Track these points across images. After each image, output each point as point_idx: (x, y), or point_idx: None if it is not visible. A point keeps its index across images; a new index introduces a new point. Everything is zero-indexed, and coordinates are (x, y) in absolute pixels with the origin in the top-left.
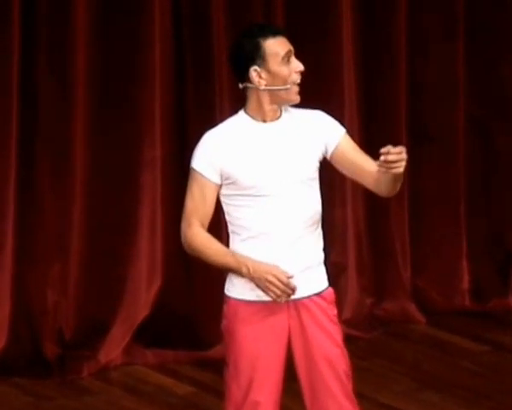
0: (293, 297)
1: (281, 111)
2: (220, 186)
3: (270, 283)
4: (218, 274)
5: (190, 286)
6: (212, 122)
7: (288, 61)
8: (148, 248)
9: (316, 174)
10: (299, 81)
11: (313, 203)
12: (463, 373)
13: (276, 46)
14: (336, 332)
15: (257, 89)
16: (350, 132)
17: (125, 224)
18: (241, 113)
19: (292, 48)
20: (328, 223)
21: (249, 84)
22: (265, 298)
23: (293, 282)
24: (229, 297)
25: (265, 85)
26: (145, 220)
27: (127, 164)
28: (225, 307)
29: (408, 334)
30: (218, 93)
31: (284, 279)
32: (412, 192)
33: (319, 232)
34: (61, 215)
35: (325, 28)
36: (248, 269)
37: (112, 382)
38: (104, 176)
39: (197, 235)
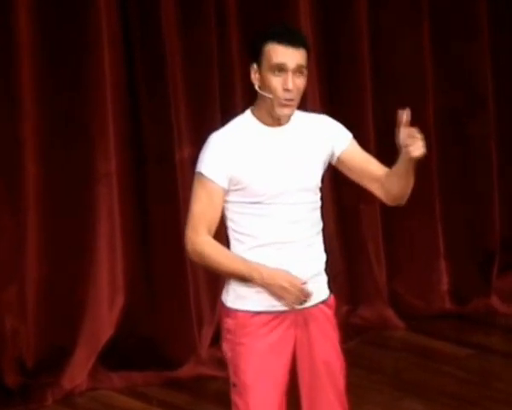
0: (301, 306)
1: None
2: (227, 192)
3: (284, 289)
4: (182, 289)
5: (154, 303)
6: (167, 129)
7: (279, 73)
8: (108, 265)
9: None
10: (284, 98)
11: (319, 210)
12: (447, 379)
13: (273, 52)
14: (338, 342)
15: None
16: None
17: (82, 241)
18: (249, 113)
19: (292, 63)
20: None
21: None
22: (276, 308)
23: (307, 288)
24: (235, 310)
25: (258, 87)
26: (103, 237)
27: (81, 179)
28: (229, 322)
29: (386, 341)
30: (173, 99)
31: (298, 285)
32: None
33: (322, 238)
34: (13, 234)
35: (282, 20)
36: (261, 275)
37: (78, 408)
38: (58, 192)
39: (206, 242)
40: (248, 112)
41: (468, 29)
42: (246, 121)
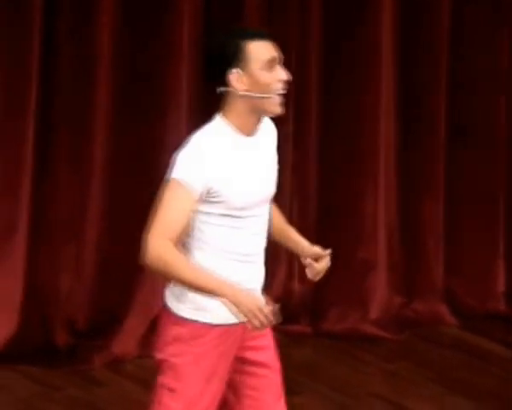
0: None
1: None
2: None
3: (252, 312)
4: None
5: None
6: None
7: (272, 68)
8: None
9: None
10: (282, 92)
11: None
12: (494, 380)
13: (260, 49)
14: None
15: (236, 95)
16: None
17: (146, 208)
18: (220, 121)
19: (277, 55)
20: (358, 216)
21: (228, 89)
22: (231, 321)
23: (272, 312)
24: (192, 321)
25: (245, 91)
26: None
27: (150, 147)
28: (181, 330)
29: (438, 337)
30: None
31: (265, 311)
32: (449, 187)
33: None
34: (77, 195)
35: (363, 16)
36: (233, 292)
37: (124, 374)
38: (125, 158)
39: (170, 250)
40: (220, 119)
41: None
42: (221, 129)
